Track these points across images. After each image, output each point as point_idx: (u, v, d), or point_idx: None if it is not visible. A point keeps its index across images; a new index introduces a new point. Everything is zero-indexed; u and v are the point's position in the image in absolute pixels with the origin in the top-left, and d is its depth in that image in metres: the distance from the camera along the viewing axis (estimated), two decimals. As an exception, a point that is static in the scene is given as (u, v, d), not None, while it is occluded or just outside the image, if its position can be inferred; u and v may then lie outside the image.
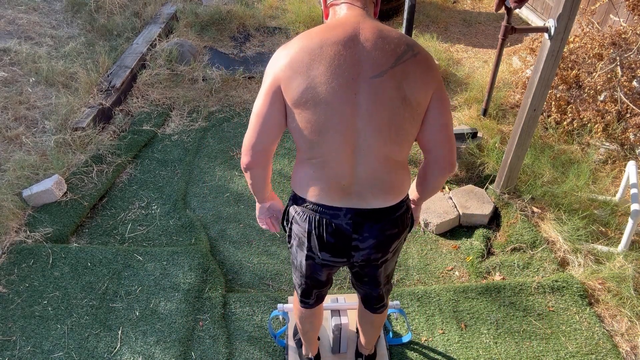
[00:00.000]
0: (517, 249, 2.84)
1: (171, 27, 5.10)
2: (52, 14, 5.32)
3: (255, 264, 2.84)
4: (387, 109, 1.30)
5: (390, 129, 1.33)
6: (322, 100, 1.29)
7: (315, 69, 1.27)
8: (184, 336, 2.35)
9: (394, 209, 1.49)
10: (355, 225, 1.46)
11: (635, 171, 2.74)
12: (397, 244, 1.58)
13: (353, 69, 1.28)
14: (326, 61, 1.27)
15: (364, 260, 1.56)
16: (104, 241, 2.94)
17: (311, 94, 1.29)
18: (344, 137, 1.33)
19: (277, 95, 1.34)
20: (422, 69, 1.33)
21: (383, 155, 1.37)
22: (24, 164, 3.22)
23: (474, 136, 3.46)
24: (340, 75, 1.27)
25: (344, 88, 1.28)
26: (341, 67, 1.27)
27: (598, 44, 3.43)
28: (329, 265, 1.62)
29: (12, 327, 2.39)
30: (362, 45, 1.28)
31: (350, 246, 1.51)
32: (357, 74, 1.28)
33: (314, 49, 1.28)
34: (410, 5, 2.73)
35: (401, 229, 1.54)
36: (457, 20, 5.61)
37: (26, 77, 4.15)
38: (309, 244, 1.53)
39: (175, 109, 4.09)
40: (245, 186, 3.38)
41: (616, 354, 2.30)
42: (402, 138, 1.36)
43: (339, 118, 1.30)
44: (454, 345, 2.35)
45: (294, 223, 1.55)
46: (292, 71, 1.30)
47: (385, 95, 1.29)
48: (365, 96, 1.29)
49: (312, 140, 1.35)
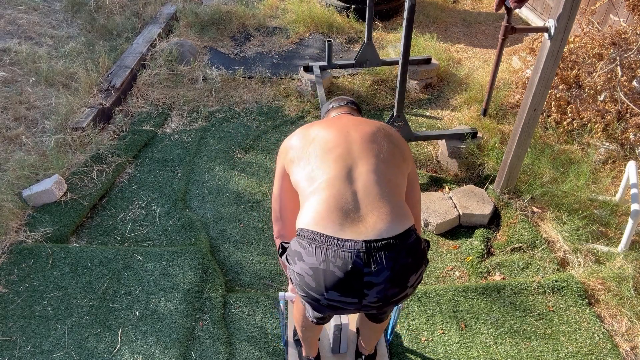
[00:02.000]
0: (517, 249, 2.84)
1: (171, 27, 5.11)
2: (52, 14, 5.32)
3: (255, 264, 2.84)
4: (376, 142, 1.57)
5: (380, 154, 1.54)
6: (321, 137, 1.58)
7: (313, 130, 1.65)
8: (184, 336, 2.35)
9: (405, 236, 1.39)
10: (366, 257, 1.34)
11: (635, 171, 2.74)
12: (416, 278, 1.42)
13: (343, 128, 1.63)
14: (321, 126, 1.65)
15: (380, 299, 1.38)
16: (104, 241, 2.94)
17: (309, 140, 1.60)
18: (340, 162, 1.51)
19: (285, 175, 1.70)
20: (400, 139, 1.66)
21: (379, 173, 1.49)
22: (24, 164, 3.22)
23: (474, 136, 3.47)
24: (334, 128, 1.62)
25: (337, 131, 1.60)
26: (334, 124, 1.65)
27: (598, 44, 3.43)
28: (334, 307, 1.43)
29: (12, 327, 2.39)
30: (349, 122, 1.68)
31: (362, 282, 1.35)
32: (347, 128, 1.62)
33: (308, 127, 1.70)
34: (410, 5, 2.73)
35: (416, 259, 1.40)
36: (457, 20, 5.61)
37: (26, 77, 4.15)
38: (315, 282, 1.38)
39: (175, 109, 4.09)
40: (245, 186, 3.38)
41: (616, 354, 2.30)
42: (393, 164, 1.54)
43: (336, 148, 1.54)
44: (454, 345, 2.35)
45: (299, 260, 1.41)
46: (297, 139, 1.67)
47: (373, 135, 1.59)
48: (355, 135, 1.58)
49: (312, 171, 1.52)
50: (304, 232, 1.42)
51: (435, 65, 4.35)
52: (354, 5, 5.32)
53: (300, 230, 1.44)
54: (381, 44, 5.04)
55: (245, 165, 3.56)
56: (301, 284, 1.42)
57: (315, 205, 1.43)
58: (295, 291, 1.83)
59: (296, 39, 5.18)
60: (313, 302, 1.44)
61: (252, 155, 3.66)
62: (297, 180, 1.57)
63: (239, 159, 3.62)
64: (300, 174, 1.56)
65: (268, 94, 4.33)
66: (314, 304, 1.45)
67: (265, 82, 4.50)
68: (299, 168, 1.57)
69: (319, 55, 4.91)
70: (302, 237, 1.42)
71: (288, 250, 1.49)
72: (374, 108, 4.17)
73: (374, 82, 4.45)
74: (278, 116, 4.05)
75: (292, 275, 1.46)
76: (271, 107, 4.17)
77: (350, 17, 5.34)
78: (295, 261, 1.42)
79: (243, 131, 3.88)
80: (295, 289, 1.50)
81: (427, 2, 5.92)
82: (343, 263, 1.34)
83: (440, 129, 3.87)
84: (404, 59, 2.95)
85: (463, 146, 3.41)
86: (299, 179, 1.56)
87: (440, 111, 4.12)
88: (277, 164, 1.72)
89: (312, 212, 1.42)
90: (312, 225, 1.40)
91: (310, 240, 1.39)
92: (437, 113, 4.11)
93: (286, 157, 1.66)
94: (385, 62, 4.23)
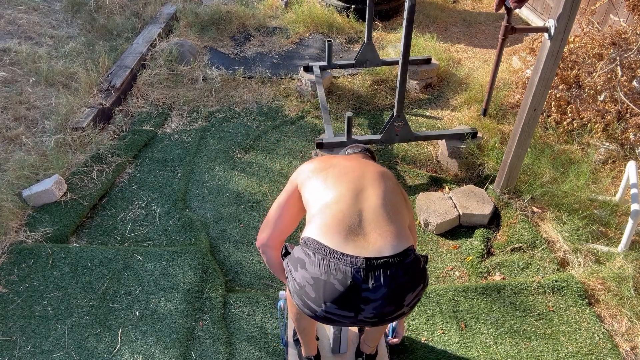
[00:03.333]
0: (517, 249, 2.84)
1: (171, 27, 5.11)
2: (52, 14, 5.32)
3: (255, 264, 2.84)
4: (388, 179, 1.68)
5: (388, 187, 1.64)
6: (340, 164, 1.70)
7: (334, 159, 1.77)
8: (184, 336, 2.35)
9: (403, 255, 1.43)
10: (366, 273, 1.38)
11: (635, 171, 2.74)
12: (413, 298, 1.46)
13: (362, 162, 1.77)
14: (342, 158, 1.80)
15: (376, 315, 1.42)
16: (104, 241, 2.94)
17: (330, 165, 1.72)
18: (353, 184, 1.60)
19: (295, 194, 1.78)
20: (406, 195, 1.78)
21: (386, 199, 1.57)
22: (24, 164, 3.22)
23: (474, 136, 3.46)
24: (354, 160, 1.77)
25: (356, 162, 1.73)
26: (354, 158, 1.82)
27: (598, 44, 3.43)
28: (330, 320, 1.46)
29: (12, 327, 2.39)
30: (367, 161, 1.81)
31: (360, 297, 1.39)
32: (365, 163, 1.75)
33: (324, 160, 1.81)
34: (410, 5, 2.73)
35: (413, 278, 1.44)
36: (457, 20, 5.61)
37: (26, 77, 4.15)
38: (315, 292, 1.41)
39: (175, 109, 4.09)
40: (245, 186, 3.38)
41: (616, 354, 2.30)
42: (398, 197, 1.63)
43: (351, 173, 1.65)
44: (454, 345, 2.35)
45: (301, 268, 1.44)
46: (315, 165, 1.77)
47: (386, 175, 1.70)
48: (371, 168, 1.71)
49: (326, 188, 1.60)
50: (310, 241, 1.46)
51: (435, 65, 4.35)
52: (354, 5, 5.32)
53: (307, 239, 1.48)
54: (381, 44, 5.04)
55: (245, 165, 3.56)
56: (300, 293, 1.45)
57: (323, 218, 1.49)
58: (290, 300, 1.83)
59: (296, 39, 5.18)
60: (309, 313, 1.47)
61: (252, 155, 3.66)
62: (309, 195, 1.65)
63: (239, 159, 3.62)
64: (314, 190, 1.64)
65: (268, 94, 4.33)
66: (310, 315, 1.47)
67: (265, 82, 4.50)
68: (315, 184, 1.65)
69: (319, 55, 4.91)
70: (307, 246, 1.46)
71: (290, 256, 1.52)
72: (374, 108, 4.17)
73: (374, 82, 4.45)
74: (278, 116, 4.05)
75: (291, 284, 1.49)
76: (271, 107, 4.17)
77: (350, 17, 5.34)
78: (298, 268, 1.46)
79: (243, 131, 3.88)
80: (292, 298, 1.51)
81: (427, 2, 5.92)
82: (343, 277, 1.38)
83: (440, 129, 3.87)
84: (404, 59, 2.95)
85: (463, 146, 3.41)
86: (312, 194, 1.64)
87: (440, 111, 4.12)
88: (291, 179, 1.79)
89: (320, 224, 1.48)
90: (318, 236, 1.45)
91: (314, 250, 1.44)
92: (437, 113, 4.11)
93: (303, 174, 1.74)
94: (385, 62, 4.22)
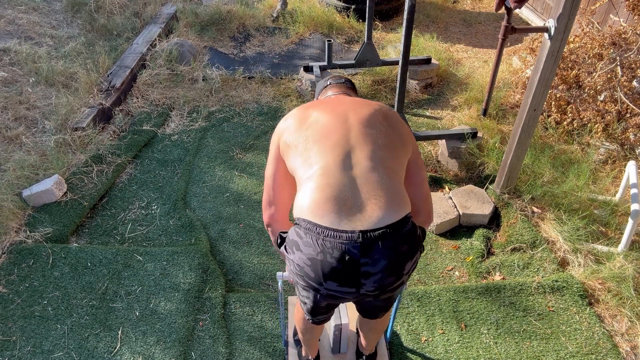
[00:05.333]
0: (517, 249, 2.84)
1: (171, 27, 5.11)
2: (52, 14, 5.32)
3: (255, 264, 2.84)
4: (374, 127, 1.53)
5: (378, 140, 1.50)
6: (318, 121, 1.54)
7: (310, 113, 1.60)
8: (184, 336, 2.35)
9: (401, 224, 1.38)
10: (363, 248, 1.33)
11: (635, 171, 2.74)
12: (411, 265, 1.43)
13: (343, 112, 1.58)
14: (319, 109, 1.60)
15: (377, 288, 1.39)
16: (104, 241, 2.94)
17: (307, 123, 1.56)
18: (338, 148, 1.47)
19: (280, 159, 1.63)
20: (399, 121, 1.62)
21: (377, 160, 1.46)
22: (24, 164, 3.22)
23: (474, 136, 3.47)
24: (333, 112, 1.57)
25: (335, 115, 1.55)
26: (331, 103, 1.62)
27: (598, 44, 3.43)
28: (333, 297, 1.44)
29: (12, 327, 2.39)
30: (348, 104, 1.62)
31: (359, 273, 1.35)
32: (346, 112, 1.57)
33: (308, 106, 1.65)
34: (410, 5, 2.73)
35: (412, 246, 1.40)
36: (457, 20, 5.61)
37: (26, 77, 4.15)
38: (314, 272, 1.38)
39: (175, 109, 4.09)
40: (245, 186, 3.38)
41: (616, 354, 2.30)
42: (391, 149, 1.51)
43: (333, 133, 1.50)
44: (454, 345, 2.35)
45: (297, 250, 1.40)
46: (292, 119, 1.62)
47: (371, 118, 1.55)
48: (354, 119, 1.54)
49: (309, 157, 1.48)
50: (300, 221, 1.40)
51: (435, 65, 4.35)
52: (354, 5, 5.32)
53: (297, 219, 1.42)
54: (381, 44, 5.04)
55: (245, 165, 3.56)
56: (301, 274, 1.41)
57: (311, 194, 1.40)
58: (292, 281, 1.81)
59: (296, 39, 5.18)
60: (314, 292, 1.45)
61: (252, 155, 3.66)
62: (293, 167, 1.53)
63: (239, 159, 3.62)
64: (297, 160, 1.52)
65: (268, 94, 4.33)
66: (314, 294, 1.46)
67: (265, 82, 4.50)
68: (296, 154, 1.52)
69: (319, 55, 4.91)
70: (299, 227, 1.41)
71: (287, 240, 1.47)
72: (374, 108, 4.16)
73: (374, 82, 4.45)
74: (278, 116, 4.05)
75: (291, 266, 1.45)
76: (271, 107, 4.17)
77: (350, 17, 5.34)
78: (294, 251, 1.41)
79: (243, 131, 3.88)
80: (295, 280, 1.50)
81: (427, 2, 5.92)
82: (340, 254, 1.33)
83: (440, 129, 3.87)
84: (404, 59, 2.95)
85: (463, 146, 3.41)
86: (296, 165, 1.52)
87: (440, 111, 4.12)
88: (272, 145, 1.65)
89: (309, 201, 1.40)
90: (308, 215, 1.38)
91: (306, 230, 1.38)
92: (437, 113, 4.11)
93: (281, 138, 1.60)
94: (385, 62, 4.23)
